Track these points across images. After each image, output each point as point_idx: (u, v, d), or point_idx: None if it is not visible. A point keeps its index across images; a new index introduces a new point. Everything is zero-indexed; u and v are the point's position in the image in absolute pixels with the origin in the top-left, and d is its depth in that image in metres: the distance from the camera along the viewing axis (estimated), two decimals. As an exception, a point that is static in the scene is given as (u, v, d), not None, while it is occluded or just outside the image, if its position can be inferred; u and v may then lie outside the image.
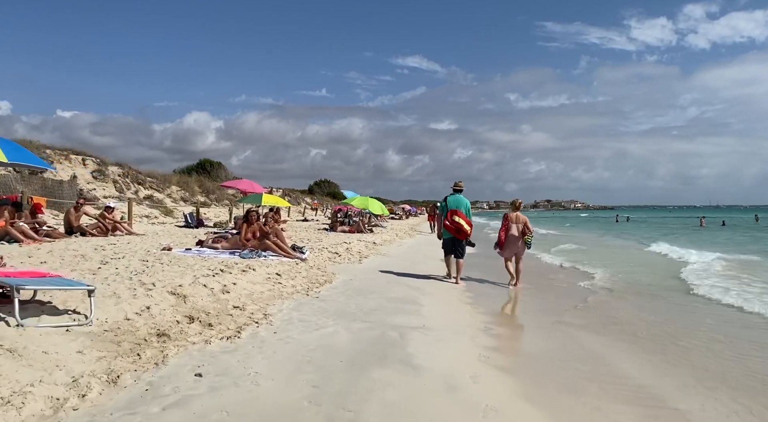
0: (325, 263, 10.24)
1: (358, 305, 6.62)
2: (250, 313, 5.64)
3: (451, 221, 9.32)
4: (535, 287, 9.62)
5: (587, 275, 11.49)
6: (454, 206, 9.38)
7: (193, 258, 8.56)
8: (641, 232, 35.09)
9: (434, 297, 7.76)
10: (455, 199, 9.46)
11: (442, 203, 9.68)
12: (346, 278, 8.82)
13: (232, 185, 19.95)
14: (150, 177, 24.72)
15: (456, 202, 9.43)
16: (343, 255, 11.84)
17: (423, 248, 17.11)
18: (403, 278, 9.41)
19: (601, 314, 7.28)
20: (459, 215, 9.30)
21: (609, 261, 14.43)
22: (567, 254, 16.21)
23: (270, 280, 7.55)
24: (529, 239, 9.57)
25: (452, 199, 9.47)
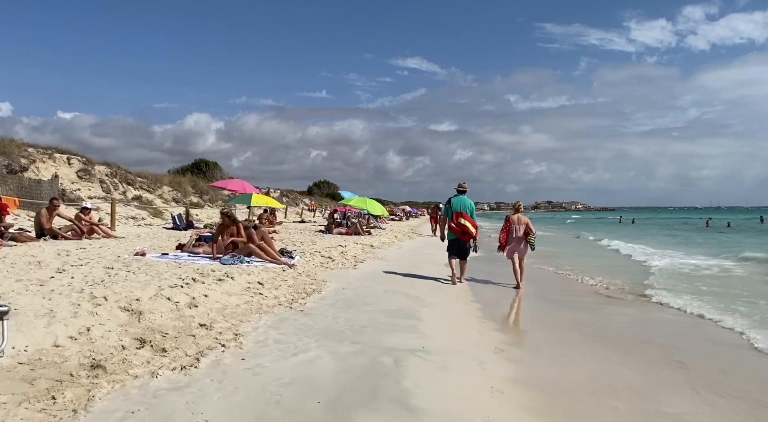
0: (315, 270, 9.35)
1: (348, 320, 5.74)
2: (218, 333, 4.75)
3: (456, 223, 9.18)
4: (548, 297, 8.75)
5: (608, 282, 10.60)
6: (459, 208, 9.25)
7: (166, 265, 7.68)
8: (660, 236, 31.73)
9: (435, 309, 6.87)
10: (459, 200, 9.35)
11: (446, 205, 9.54)
12: (337, 287, 7.94)
13: (223, 186, 19.06)
14: (141, 177, 23.85)
15: (461, 203, 9.31)
16: (337, 260, 10.96)
17: (423, 251, 16.23)
18: (401, 286, 8.53)
19: (632, 333, 6.39)
20: (464, 217, 9.18)
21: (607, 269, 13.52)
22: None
23: (249, 290, 6.66)
24: (533, 241, 9.53)
25: (456, 200, 9.35)
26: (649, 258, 15.46)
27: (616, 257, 16.98)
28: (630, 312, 7.56)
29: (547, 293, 9.25)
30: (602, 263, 14.51)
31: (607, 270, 12.54)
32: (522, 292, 9.06)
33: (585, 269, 12.60)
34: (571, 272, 12.05)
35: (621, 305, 8.15)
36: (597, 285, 10.05)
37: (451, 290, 8.85)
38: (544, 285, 10.06)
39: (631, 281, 10.55)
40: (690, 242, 24.70)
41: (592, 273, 11.65)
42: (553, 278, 11.27)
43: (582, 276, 11.21)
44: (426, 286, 8.92)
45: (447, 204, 9.50)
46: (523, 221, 9.62)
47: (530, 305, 8.18)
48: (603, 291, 9.36)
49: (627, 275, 11.40)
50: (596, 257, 16.70)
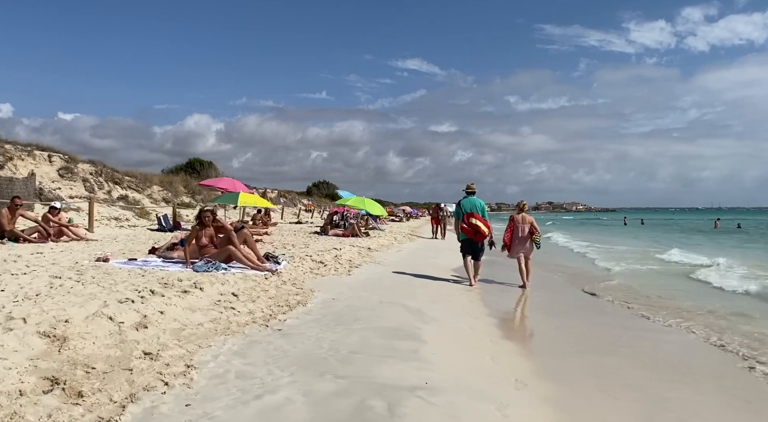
0: (303, 277, 8.32)
1: (334, 343, 4.71)
2: (164, 364, 3.73)
3: (468, 224, 9.19)
4: (570, 309, 7.73)
5: (632, 289, 9.58)
6: (470, 209, 9.30)
7: (128, 273, 6.66)
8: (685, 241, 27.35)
9: (440, 326, 5.84)
10: (470, 201, 9.41)
11: (457, 208, 9.64)
12: (326, 297, 6.92)
13: (213, 184, 17.99)
14: (129, 176, 22.82)
15: (471, 204, 9.37)
16: (330, 265, 9.92)
17: (424, 253, 15.21)
18: (399, 295, 7.50)
19: (679, 359, 5.36)
20: (476, 217, 9.19)
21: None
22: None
23: (219, 304, 5.63)
24: (538, 240, 9.55)
25: (467, 202, 9.42)
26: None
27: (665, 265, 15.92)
28: (674, 339, 6.51)
29: (570, 304, 8.24)
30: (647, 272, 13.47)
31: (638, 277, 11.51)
32: (528, 291, 9.01)
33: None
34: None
35: (659, 322, 7.12)
36: (612, 300, 9.01)
37: (457, 299, 7.83)
38: (566, 295, 9.05)
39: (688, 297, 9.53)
40: (736, 247, 22.83)
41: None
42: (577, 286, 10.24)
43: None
44: (428, 295, 7.90)
45: (457, 206, 9.56)
46: (527, 220, 9.59)
47: (550, 318, 7.14)
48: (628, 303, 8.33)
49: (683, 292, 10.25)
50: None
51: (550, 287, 9.93)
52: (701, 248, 20.32)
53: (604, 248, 20.61)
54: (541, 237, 10.03)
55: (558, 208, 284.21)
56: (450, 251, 17.28)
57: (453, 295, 8.20)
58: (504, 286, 9.52)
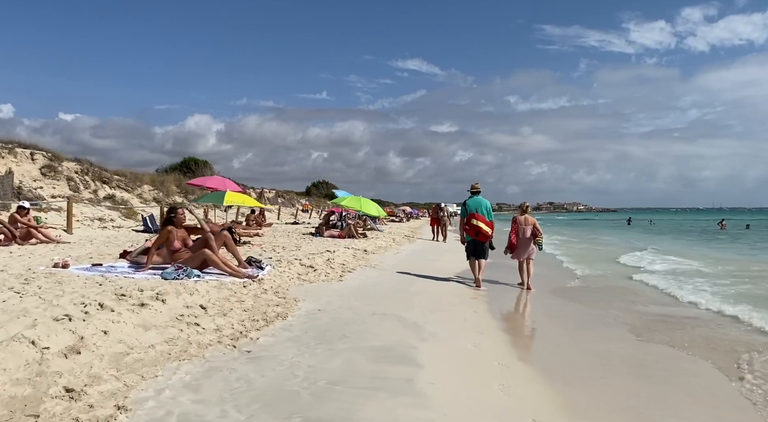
0: (289, 283, 7.51)
1: (311, 370, 3.90)
2: (87, 406, 2.92)
3: (470, 225, 9.09)
4: (590, 322, 6.92)
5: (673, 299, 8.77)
6: (474, 209, 9.17)
7: (85, 281, 5.85)
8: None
9: (439, 344, 5.02)
10: (475, 201, 9.26)
11: (462, 207, 9.53)
12: (311, 308, 6.11)
13: (201, 183, 17.13)
14: (118, 175, 22.01)
15: (476, 204, 9.22)
16: (320, 269, 9.10)
17: (424, 256, 14.40)
18: (394, 304, 6.69)
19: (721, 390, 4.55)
20: (477, 218, 9.06)
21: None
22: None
23: (182, 319, 4.82)
24: (541, 241, 9.45)
25: (472, 202, 9.27)
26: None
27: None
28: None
29: (589, 313, 7.42)
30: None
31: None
32: (533, 292, 8.99)
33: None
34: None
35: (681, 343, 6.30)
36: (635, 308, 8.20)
37: (459, 309, 7.02)
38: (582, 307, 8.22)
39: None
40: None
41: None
42: (608, 295, 9.42)
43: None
44: (427, 303, 7.08)
45: (463, 206, 9.43)
46: (530, 221, 9.53)
47: (562, 329, 6.33)
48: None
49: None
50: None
51: (553, 296, 9.13)
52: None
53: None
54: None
55: (559, 208, 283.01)
56: (452, 252, 16.47)
57: (454, 304, 7.38)
58: (508, 288, 9.36)
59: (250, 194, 38.19)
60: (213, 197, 14.75)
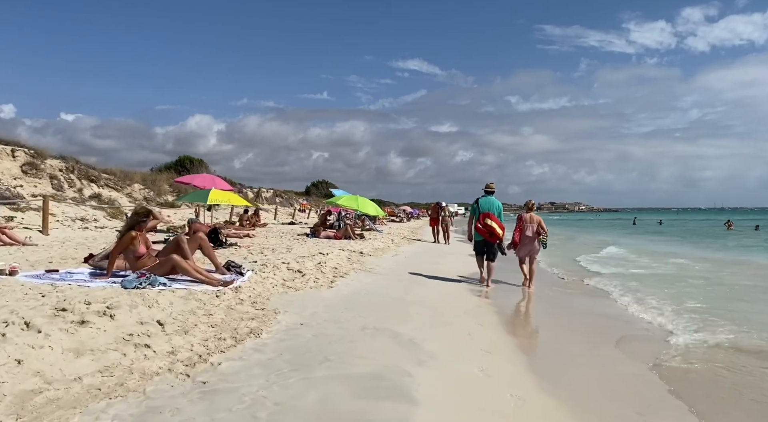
0: (271, 291, 6.69)
1: (277, 409, 3.09)
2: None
3: (483, 225, 9.00)
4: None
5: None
6: (486, 209, 9.10)
7: (27, 292, 5.03)
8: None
9: (440, 369, 4.20)
10: (487, 201, 9.20)
11: (473, 206, 9.48)
12: (292, 322, 5.30)
13: (188, 181, 16.26)
14: (107, 173, 21.20)
15: (488, 204, 9.16)
16: (309, 275, 8.28)
17: (423, 259, 13.57)
18: (389, 316, 5.88)
19: None
20: (492, 219, 9.02)
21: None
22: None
23: (130, 340, 4.00)
24: (545, 239, 9.47)
25: (484, 201, 9.21)
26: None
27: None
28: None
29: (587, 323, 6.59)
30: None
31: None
32: (533, 290, 9.06)
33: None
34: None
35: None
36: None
37: (463, 321, 6.19)
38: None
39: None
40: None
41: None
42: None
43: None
44: (426, 314, 6.27)
45: (474, 204, 9.37)
46: (535, 220, 9.52)
47: (591, 349, 5.49)
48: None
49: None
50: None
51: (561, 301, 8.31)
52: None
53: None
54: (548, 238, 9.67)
55: (560, 208, 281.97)
56: (454, 254, 15.67)
57: (457, 315, 6.56)
58: (513, 290, 9.21)
59: (247, 193, 37.42)
60: (197, 196, 13.92)
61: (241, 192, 36.74)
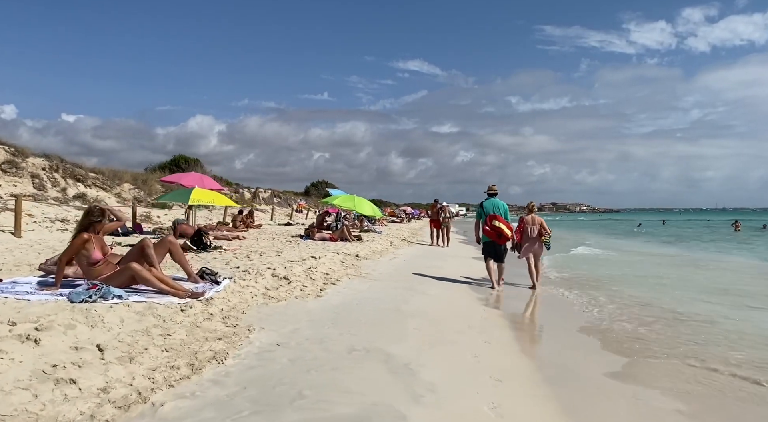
0: (248, 303, 5.88)
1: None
2: None
3: (491, 227, 8.96)
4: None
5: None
6: (492, 211, 9.07)
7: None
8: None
9: (440, 408, 3.38)
10: (492, 203, 9.18)
11: (478, 209, 9.52)
12: (267, 342, 4.50)
13: (175, 180, 15.39)
14: (95, 173, 20.41)
15: (494, 206, 9.12)
16: (296, 282, 7.47)
17: (423, 262, 12.76)
18: (382, 333, 5.07)
19: None
20: (499, 220, 8.97)
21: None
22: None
23: (50, 375, 3.18)
24: (548, 240, 9.43)
25: (489, 204, 9.19)
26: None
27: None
28: None
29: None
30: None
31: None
32: (539, 291, 8.96)
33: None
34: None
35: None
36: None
37: (468, 338, 5.38)
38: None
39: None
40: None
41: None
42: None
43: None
44: (425, 330, 5.46)
45: (479, 208, 9.39)
46: (537, 221, 9.54)
47: (619, 373, 4.67)
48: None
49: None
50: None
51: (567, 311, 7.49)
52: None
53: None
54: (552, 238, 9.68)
55: (562, 209, 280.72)
56: (455, 257, 14.86)
57: (461, 330, 5.74)
58: (521, 295, 8.78)
59: (243, 194, 36.65)
60: (177, 195, 13.09)
61: (237, 192, 35.99)
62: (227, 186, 35.57)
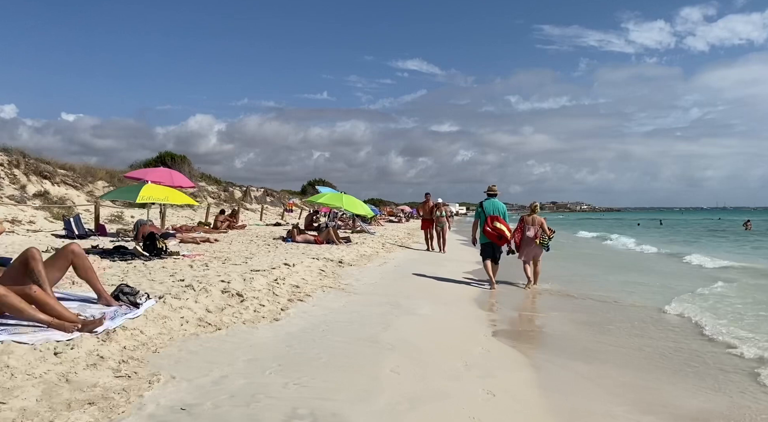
0: (169, 334, 4.39)
1: None
2: None
3: (492, 228, 8.87)
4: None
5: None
6: (492, 212, 8.99)
7: None
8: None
9: None
10: (492, 204, 9.12)
11: (478, 209, 9.46)
12: (167, 404, 3.04)
13: (140, 176, 13.73)
14: (64, 169, 18.93)
15: (493, 207, 9.06)
16: (250, 299, 5.97)
17: (415, 269, 11.28)
18: (347, 380, 3.60)
19: None
20: (500, 221, 8.86)
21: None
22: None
23: None
24: (546, 241, 9.34)
25: (489, 204, 9.13)
26: None
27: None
28: None
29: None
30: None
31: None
32: (537, 287, 9.00)
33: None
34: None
35: None
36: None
37: (462, 386, 3.90)
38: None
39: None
40: None
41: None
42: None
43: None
44: (406, 374, 3.98)
45: (479, 208, 9.36)
46: (537, 221, 9.48)
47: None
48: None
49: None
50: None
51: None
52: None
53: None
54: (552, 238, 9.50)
55: (562, 208, 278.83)
56: (456, 262, 13.33)
57: (456, 372, 4.24)
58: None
59: (233, 192, 35.15)
60: (124, 192, 11.55)
61: (226, 191, 34.48)
62: (216, 184, 34.08)
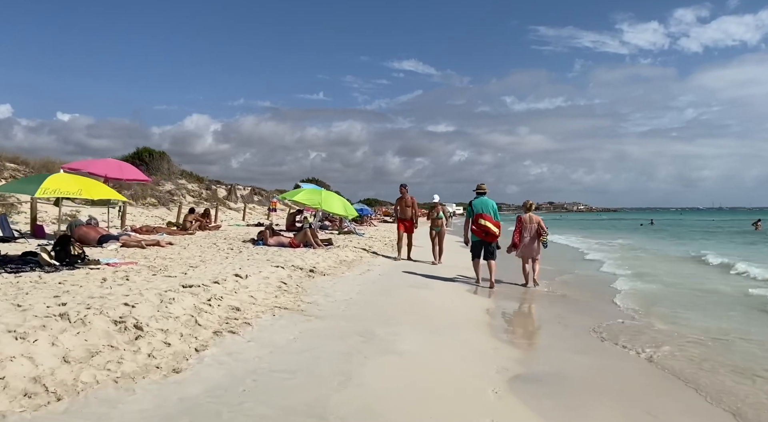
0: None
1: None
2: None
3: (477, 225, 8.90)
4: None
5: None
6: (480, 210, 9.00)
7: None
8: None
9: None
10: (481, 202, 9.11)
11: (468, 208, 9.51)
12: None
13: (81, 167, 11.69)
14: (15, 163, 16.99)
15: (482, 205, 9.06)
16: (149, 335, 4.09)
17: (402, 279, 9.42)
18: None
19: None
20: (485, 218, 8.87)
21: None
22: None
23: None
24: (545, 239, 9.28)
25: (478, 202, 9.11)
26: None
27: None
28: None
29: None
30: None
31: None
32: (537, 287, 8.85)
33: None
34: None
35: None
36: None
37: None
38: None
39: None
40: None
41: None
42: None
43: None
44: None
45: (468, 207, 9.42)
46: (534, 220, 9.33)
47: None
48: None
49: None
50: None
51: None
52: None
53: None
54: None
55: (559, 208, 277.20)
56: (451, 268, 11.41)
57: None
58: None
59: (216, 190, 33.22)
60: (22, 184, 9.53)
61: (209, 189, 32.56)
62: (197, 182, 32.16)
